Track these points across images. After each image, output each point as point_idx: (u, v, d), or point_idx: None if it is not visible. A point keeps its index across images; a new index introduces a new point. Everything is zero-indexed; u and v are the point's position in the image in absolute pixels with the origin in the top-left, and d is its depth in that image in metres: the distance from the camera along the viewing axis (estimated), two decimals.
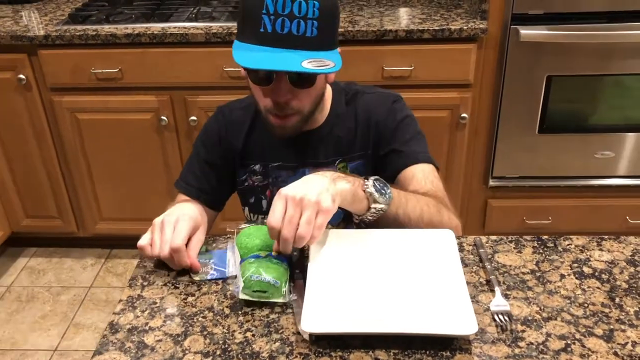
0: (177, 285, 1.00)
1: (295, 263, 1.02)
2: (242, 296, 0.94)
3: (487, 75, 2.16)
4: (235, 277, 0.99)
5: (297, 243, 0.93)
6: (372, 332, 0.86)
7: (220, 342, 0.88)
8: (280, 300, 0.94)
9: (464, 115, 2.18)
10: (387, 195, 1.03)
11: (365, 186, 1.02)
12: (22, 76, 2.21)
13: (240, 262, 0.99)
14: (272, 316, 0.92)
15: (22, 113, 2.30)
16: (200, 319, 0.92)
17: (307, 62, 1.01)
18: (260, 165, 1.29)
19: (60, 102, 2.27)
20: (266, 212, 1.30)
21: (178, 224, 1.04)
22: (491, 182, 2.36)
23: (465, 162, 2.31)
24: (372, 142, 1.25)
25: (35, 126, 2.33)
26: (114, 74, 2.19)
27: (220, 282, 1.00)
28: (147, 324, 0.92)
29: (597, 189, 2.35)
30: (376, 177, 1.04)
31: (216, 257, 1.06)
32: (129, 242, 2.61)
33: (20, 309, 2.41)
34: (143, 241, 1.04)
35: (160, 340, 0.88)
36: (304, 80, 1.09)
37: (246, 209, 1.34)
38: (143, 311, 0.94)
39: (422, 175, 1.18)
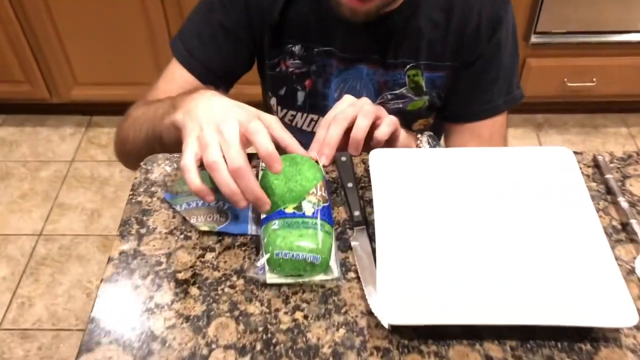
0: (189, 234, 0.70)
1: (351, 202, 0.72)
2: (269, 280, 0.64)
3: None
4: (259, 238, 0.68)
5: (354, 134, 0.74)
6: (482, 323, 0.60)
7: (260, 328, 0.61)
8: (325, 277, 0.65)
9: None
10: None
11: (419, 141, 0.88)
12: None
13: (262, 224, 0.67)
14: (328, 285, 0.65)
15: None
16: (227, 289, 0.65)
17: None
18: (301, 46, 0.94)
19: None
20: (301, 108, 0.99)
21: None
22: (533, 39, 2.01)
23: None
24: (464, 53, 0.92)
25: None
26: None
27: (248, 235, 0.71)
28: (151, 298, 0.64)
29: None
30: (430, 133, 0.89)
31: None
32: (111, 109, 2.29)
33: None
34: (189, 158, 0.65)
35: (172, 327, 0.62)
36: None
37: (273, 99, 1.01)
38: (144, 277, 0.66)
39: (488, 133, 0.98)
